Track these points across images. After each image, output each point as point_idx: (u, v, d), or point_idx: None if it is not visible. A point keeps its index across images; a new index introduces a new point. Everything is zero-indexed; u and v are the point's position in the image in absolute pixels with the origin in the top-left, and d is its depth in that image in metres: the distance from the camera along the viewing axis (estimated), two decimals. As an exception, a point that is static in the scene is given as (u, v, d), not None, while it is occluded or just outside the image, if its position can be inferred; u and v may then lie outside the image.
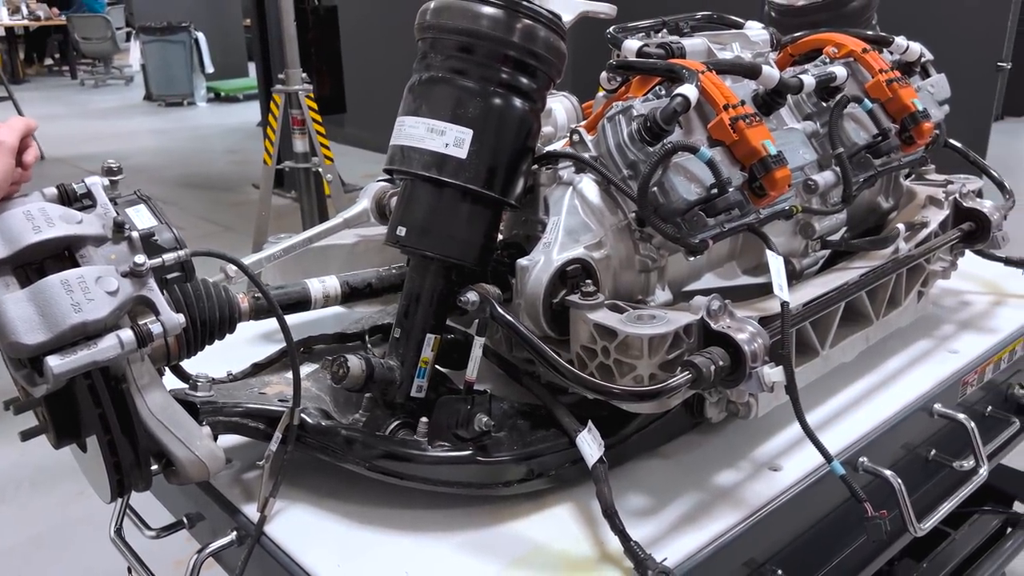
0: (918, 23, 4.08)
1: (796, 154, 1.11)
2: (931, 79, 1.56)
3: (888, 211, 1.40)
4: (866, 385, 1.22)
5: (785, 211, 1.09)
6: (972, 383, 1.30)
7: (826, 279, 1.17)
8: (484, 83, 0.95)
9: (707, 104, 1.02)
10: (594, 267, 0.99)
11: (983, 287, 1.54)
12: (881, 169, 1.23)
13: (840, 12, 1.39)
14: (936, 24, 3.82)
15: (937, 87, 1.57)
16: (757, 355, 0.91)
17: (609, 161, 1.00)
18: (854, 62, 1.26)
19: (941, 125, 1.42)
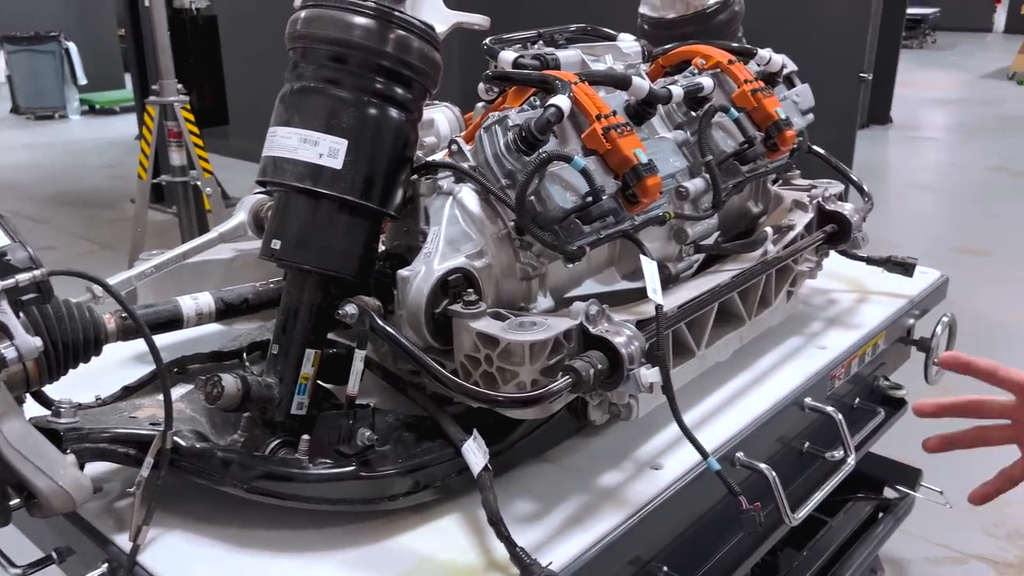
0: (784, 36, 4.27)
1: (667, 162, 1.15)
2: (796, 89, 1.65)
3: (758, 215, 1.47)
4: (741, 382, 1.27)
5: (659, 217, 1.13)
6: (840, 376, 1.37)
7: (700, 282, 1.21)
8: (358, 93, 0.95)
9: (580, 114, 1.05)
10: (476, 276, 0.99)
11: (848, 285, 1.63)
12: (748, 175, 1.29)
13: (707, 25, 1.45)
14: (802, 38, 4.02)
15: (802, 97, 1.65)
16: (634, 357, 0.94)
17: (487, 171, 1.01)
18: (721, 73, 1.31)
19: (804, 132, 1.50)
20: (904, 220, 5.30)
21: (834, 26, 4.05)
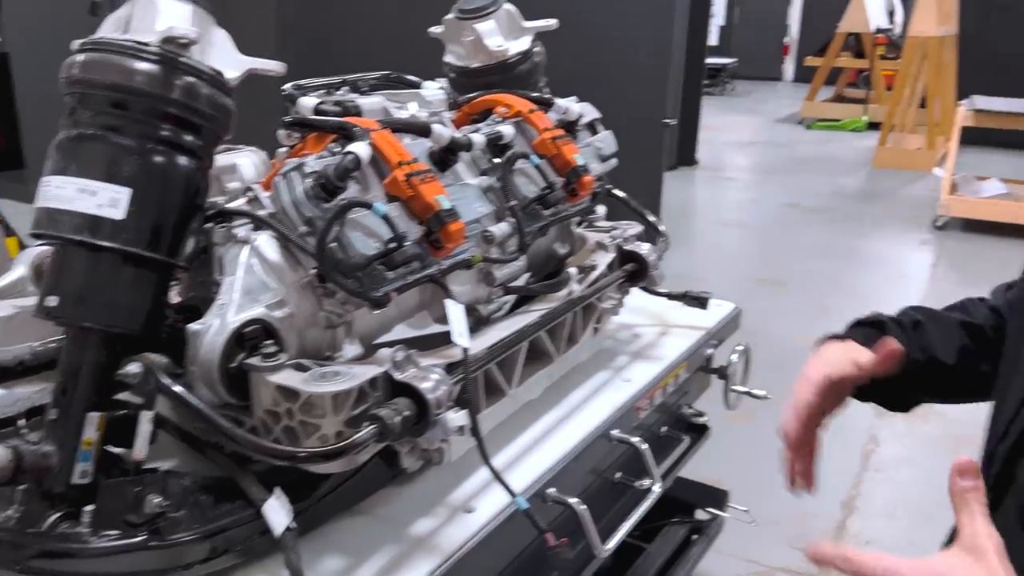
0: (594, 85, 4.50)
1: (471, 207, 1.17)
2: (599, 136, 1.73)
3: (565, 256, 1.52)
4: (553, 418, 1.30)
5: (466, 261, 1.15)
6: (645, 407, 1.44)
7: (509, 322, 1.24)
8: (142, 140, 0.90)
9: (382, 161, 1.05)
10: (276, 327, 0.96)
11: (652, 320, 1.72)
12: (551, 219, 1.34)
13: (510, 75, 1.50)
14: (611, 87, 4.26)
15: (604, 143, 1.74)
16: (441, 402, 0.94)
17: (286, 218, 0.99)
18: (522, 121, 1.36)
19: (603, 177, 1.58)
20: (710, 255, 5.67)
21: (639, 76, 4.31)
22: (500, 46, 1.46)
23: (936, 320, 1.07)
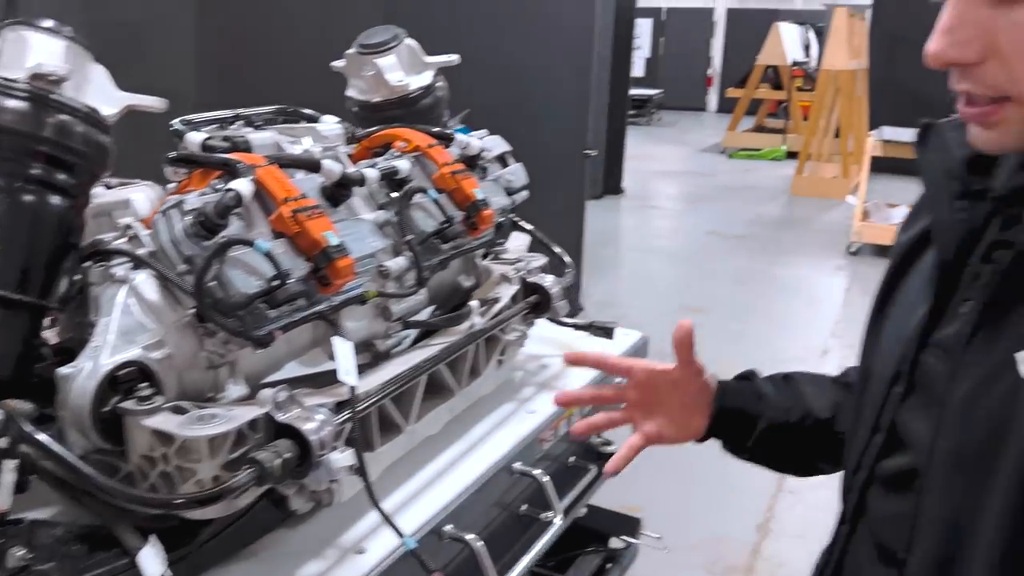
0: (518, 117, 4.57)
1: (364, 242, 1.17)
2: (509, 168, 1.75)
3: (470, 289, 1.52)
4: (454, 453, 1.29)
5: (359, 296, 1.14)
6: (549, 439, 1.44)
7: (407, 357, 1.23)
8: (10, 179, 0.88)
9: (268, 197, 1.04)
10: (153, 368, 0.94)
11: (560, 350, 1.73)
12: (451, 253, 1.34)
13: (412, 109, 1.50)
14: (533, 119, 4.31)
15: (515, 175, 1.76)
16: (325, 443, 0.93)
17: (165, 256, 0.97)
18: (422, 156, 1.36)
19: (506, 210, 1.59)
20: (635, 282, 5.77)
21: (560, 108, 4.38)
22: (400, 81, 1.47)
23: (810, 378, 1.06)
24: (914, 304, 0.80)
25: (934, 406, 0.73)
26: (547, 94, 4.39)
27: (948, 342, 0.74)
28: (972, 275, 0.74)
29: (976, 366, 0.70)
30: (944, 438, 0.71)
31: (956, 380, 0.71)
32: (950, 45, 0.65)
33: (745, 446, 1.03)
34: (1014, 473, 0.65)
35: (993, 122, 0.67)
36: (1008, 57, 0.63)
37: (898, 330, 0.81)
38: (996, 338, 0.69)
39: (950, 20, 0.65)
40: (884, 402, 0.80)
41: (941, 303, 0.76)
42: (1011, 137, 0.67)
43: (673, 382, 1.01)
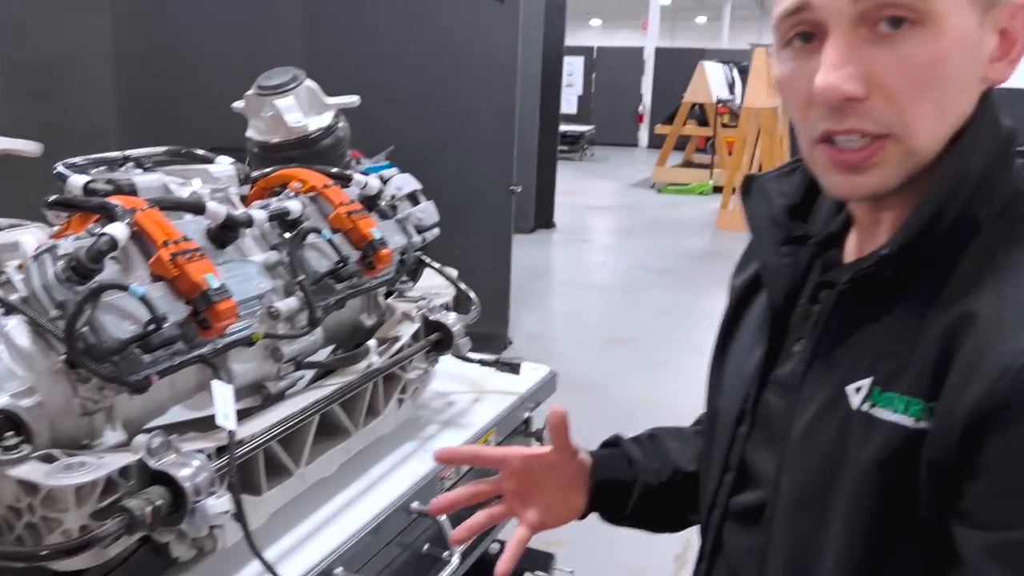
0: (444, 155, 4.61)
1: (251, 284, 1.16)
2: (419, 206, 1.77)
3: (372, 328, 1.53)
4: (351, 494, 1.28)
5: (246, 339, 1.13)
6: (449, 477, 1.44)
7: (299, 399, 1.22)
8: None
9: (148, 241, 1.03)
10: (22, 416, 0.91)
11: (468, 386, 1.74)
12: (347, 292, 1.35)
13: (312, 150, 1.51)
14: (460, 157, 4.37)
15: (425, 213, 1.78)
16: (200, 489, 0.92)
17: (36, 302, 0.95)
18: (318, 196, 1.37)
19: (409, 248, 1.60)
20: (564, 315, 5.82)
21: (485, 145, 4.44)
22: (299, 122, 1.48)
23: (673, 433, 1.08)
24: (751, 345, 0.84)
25: (777, 442, 0.76)
26: (473, 131, 4.45)
27: (785, 380, 0.78)
28: (802, 315, 0.79)
29: (811, 401, 0.73)
30: (788, 472, 0.75)
31: (795, 416, 0.74)
32: (842, 79, 0.65)
33: (624, 514, 1.02)
34: (852, 498, 0.68)
35: (871, 164, 0.67)
36: (893, 92, 0.65)
37: (739, 371, 0.85)
38: (828, 374, 0.72)
39: (837, 56, 0.65)
40: (732, 441, 0.83)
41: (776, 343, 0.80)
42: (889, 177, 0.68)
43: (549, 465, 0.98)
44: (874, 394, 0.68)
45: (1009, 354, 0.60)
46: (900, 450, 0.65)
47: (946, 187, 0.67)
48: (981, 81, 0.69)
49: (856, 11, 0.64)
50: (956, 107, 0.68)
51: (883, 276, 0.69)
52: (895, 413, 0.66)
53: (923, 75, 0.65)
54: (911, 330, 0.67)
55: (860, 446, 0.68)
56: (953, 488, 0.63)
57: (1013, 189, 0.70)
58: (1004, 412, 0.59)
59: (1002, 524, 0.60)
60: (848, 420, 0.69)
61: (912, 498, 0.65)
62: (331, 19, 4.38)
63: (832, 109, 0.67)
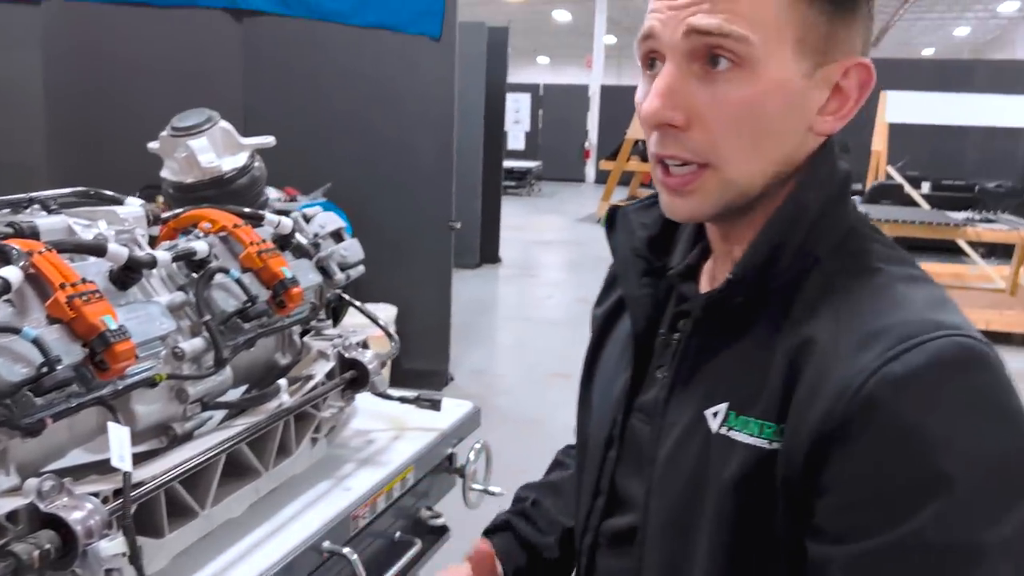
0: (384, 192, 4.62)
1: (153, 325, 1.16)
2: (343, 244, 1.78)
3: (287, 367, 1.53)
4: (258, 535, 1.28)
5: (148, 380, 1.13)
6: (364, 515, 1.44)
7: (205, 440, 1.22)
8: None
9: (45, 283, 1.03)
10: (-94, 463, 0.90)
11: (389, 424, 1.75)
12: (258, 332, 1.35)
13: (226, 190, 1.52)
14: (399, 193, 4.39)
15: (350, 251, 1.79)
16: (93, 531, 0.91)
17: (-76, 347, 0.95)
18: (229, 236, 1.38)
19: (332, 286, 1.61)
20: (507, 349, 5.85)
21: (424, 182, 4.48)
22: (212, 163, 1.49)
23: (549, 490, 1.11)
24: (615, 372, 0.88)
25: (645, 466, 0.80)
26: (411, 168, 4.48)
27: (649, 407, 0.82)
28: (663, 344, 0.83)
29: (674, 427, 0.77)
30: (655, 496, 0.78)
31: (660, 441, 0.78)
32: (664, 107, 0.71)
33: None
34: (715, 520, 0.72)
35: (691, 190, 0.73)
36: (710, 126, 0.70)
37: (605, 397, 0.89)
38: (688, 399, 0.77)
39: (665, 85, 0.71)
40: (602, 466, 0.87)
41: (640, 370, 0.84)
42: (708, 203, 0.73)
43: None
44: (730, 418, 0.72)
45: (845, 377, 0.64)
46: (756, 471, 0.69)
47: (783, 220, 0.73)
48: (810, 129, 0.73)
49: (687, 46, 0.70)
50: (776, 148, 0.72)
51: (733, 302, 0.74)
52: (750, 436, 0.70)
53: (737, 114, 0.70)
54: (761, 356, 0.71)
55: (720, 468, 0.71)
56: (804, 506, 0.67)
57: (848, 225, 0.76)
58: (843, 431, 0.63)
59: (850, 537, 0.63)
60: (708, 444, 0.73)
61: (771, 518, 0.69)
62: (267, 57, 4.40)
63: (660, 134, 0.72)
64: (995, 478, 0.61)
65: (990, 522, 0.60)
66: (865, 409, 0.62)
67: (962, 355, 0.64)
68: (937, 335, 0.63)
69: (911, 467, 0.61)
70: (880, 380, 0.62)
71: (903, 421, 0.61)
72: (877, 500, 0.62)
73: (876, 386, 0.62)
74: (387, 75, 4.32)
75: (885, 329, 0.65)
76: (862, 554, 0.62)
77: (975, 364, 0.64)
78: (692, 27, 0.69)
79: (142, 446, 1.21)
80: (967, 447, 0.61)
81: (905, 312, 0.66)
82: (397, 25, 4.04)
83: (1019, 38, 20.80)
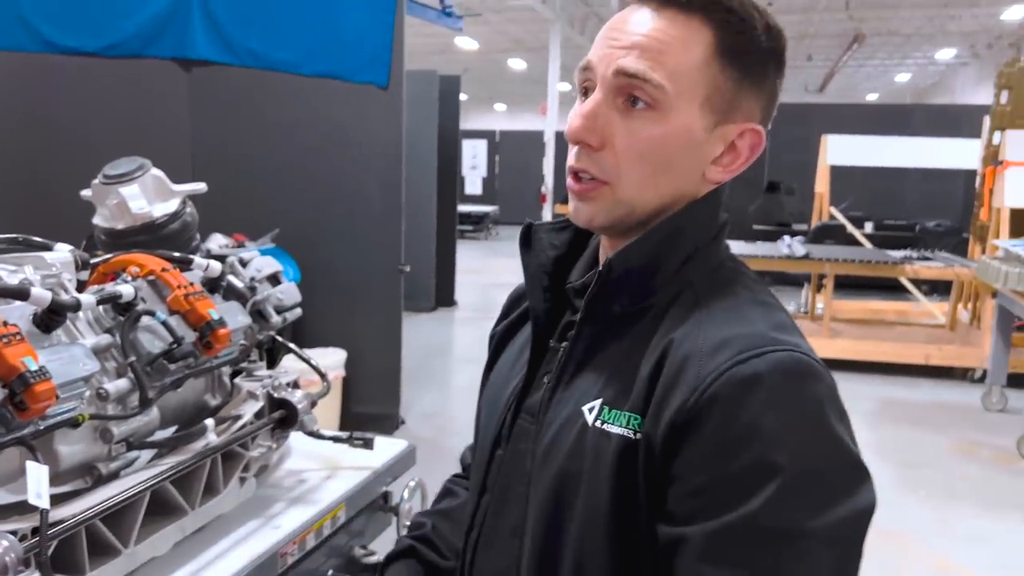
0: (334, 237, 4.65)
1: (76, 366, 1.19)
2: (280, 287, 1.82)
3: (217, 407, 1.56)
4: (184, 573, 1.29)
5: (71, 420, 1.16)
6: (292, 553, 1.46)
7: (129, 479, 1.24)
8: None
9: (-36, 327, 1.06)
10: None
11: (322, 463, 1.77)
12: (185, 373, 1.38)
13: (158, 235, 1.56)
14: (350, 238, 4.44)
15: (286, 294, 1.84)
16: (8, 568, 0.93)
17: None
18: (156, 280, 1.42)
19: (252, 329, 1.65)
20: (461, 392, 5.85)
21: (374, 227, 4.53)
22: (143, 209, 1.53)
23: (440, 516, 1.16)
24: (507, 378, 0.96)
25: (527, 460, 0.87)
26: (361, 212, 4.54)
27: (533, 407, 0.91)
28: (552, 352, 0.92)
29: (553, 423, 0.85)
30: (534, 487, 0.86)
31: (539, 436, 0.86)
32: (584, 128, 0.82)
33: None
34: (586, 508, 0.80)
35: (591, 197, 0.84)
36: (619, 152, 0.82)
37: (495, 402, 0.97)
38: (568, 398, 0.85)
39: (589, 111, 0.82)
40: (489, 465, 0.94)
41: (532, 377, 0.92)
42: (601, 214, 0.85)
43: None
44: (603, 413, 0.81)
45: (698, 376, 0.74)
46: (625, 459, 0.78)
47: (656, 235, 0.84)
48: (703, 176, 0.85)
49: (615, 83, 0.82)
50: (668, 183, 0.84)
51: (608, 303, 0.85)
52: (621, 427, 0.79)
53: (642, 148, 0.81)
54: (635, 359, 0.81)
55: (594, 459, 0.80)
56: (660, 493, 0.76)
57: (719, 260, 0.89)
58: (694, 422, 0.73)
59: (695, 519, 0.72)
60: (584, 436, 0.82)
61: (637, 507, 0.78)
62: (216, 106, 4.46)
63: (578, 150, 0.84)
64: (820, 476, 0.71)
65: (814, 512, 0.69)
66: (712, 404, 0.72)
67: (799, 367, 0.74)
68: (779, 348, 0.74)
69: (748, 457, 0.70)
70: (727, 380, 0.72)
71: (744, 417, 0.71)
72: (718, 485, 0.71)
73: (723, 385, 0.72)
74: (335, 122, 4.40)
75: (735, 338, 0.75)
76: (705, 534, 0.71)
77: (810, 377, 0.74)
78: (621, 68, 0.80)
79: (66, 486, 1.23)
80: (797, 445, 0.70)
81: (754, 327, 0.77)
82: (344, 74, 4.12)
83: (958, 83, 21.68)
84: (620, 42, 0.81)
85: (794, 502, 0.69)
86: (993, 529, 3.75)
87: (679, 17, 0.80)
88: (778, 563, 0.69)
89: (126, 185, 1.53)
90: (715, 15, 0.80)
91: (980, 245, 6.36)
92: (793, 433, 0.71)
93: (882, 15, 14.89)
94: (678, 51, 0.79)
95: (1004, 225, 5.70)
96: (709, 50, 0.80)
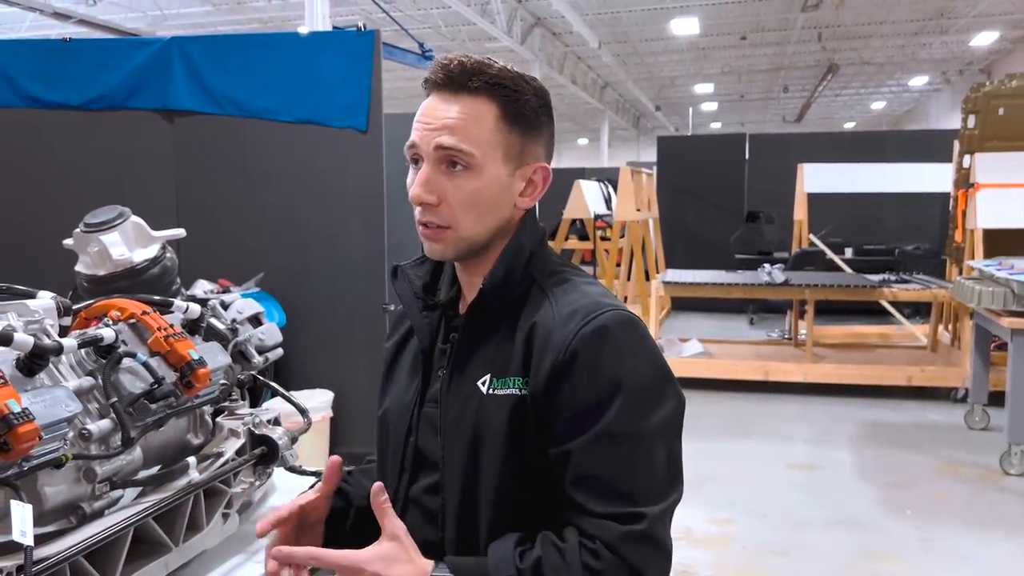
0: (318, 278, 4.69)
1: (59, 408, 1.23)
2: (261, 328, 1.87)
3: (199, 446, 1.60)
4: (169, 608, 1.33)
5: (55, 460, 1.20)
6: (275, 585, 1.49)
7: (113, 517, 1.28)
8: None
9: (-49, 372, 1.11)
10: None
11: (305, 499, 1.80)
12: (167, 412, 1.43)
13: (139, 280, 1.61)
14: (332, 278, 4.48)
15: (268, 334, 1.88)
16: (-7, 603, 0.97)
17: None
18: (137, 323, 1.46)
19: (232, 368, 1.69)
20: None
21: (357, 267, 4.57)
22: (123, 255, 1.58)
23: (362, 472, 1.31)
24: (407, 383, 1.18)
25: (437, 435, 1.11)
26: (343, 255, 4.59)
27: (435, 396, 1.13)
28: (441, 352, 1.15)
29: (455, 401, 1.10)
30: (447, 451, 1.09)
31: (445, 414, 1.10)
32: (423, 192, 1.07)
33: (345, 531, 1.19)
34: (493, 458, 1.05)
35: (439, 239, 1.09)
36: (452, 205, 1.07)
37: (400, 404, 1.18)
38: (463, 381, 1.10)
39: (424, 179, 1.07)
40: (404, 450, 1.15)
41: (428, 375, 1.15)
42: (449, 250, 1.10)
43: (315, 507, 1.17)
44: (494, 383, 1.07)
45: (561, 338, 1.03)
46: (517, 411, 1.04)
47: (508, 255, 1.11)
48: (515, 206, 1.11)
49: (437, 155, 1.07)
50: (492, 219, 1.10)
51: (487, 308, 1.10)
52: (509, 389, 1.06)
53: (467, 199, 1.07)
54: (508, 342, 1.08)
55: (493, 419, 1.05)
56: (547, 427, 1.03)
57: (550, 259, 1.17)
58: (564, 371, 1.02)
59: (574, 435, 1.01)
60: (482, 404, 1.07)
61: (532, 448, 1.04)
62: (199, 154, 4.52)
63: (422, 208, 1.08)
64: (647, 389, 1.03)
65: (646, 415, 1.01)
66: (574, 355, 1.02)
67: (624, 320, 1.06)
68: (608, 309, 1.05)
69: (603, 384, 1.01)
70: (581, 336, 1.03)
71: (596, 357, 1.02)
72: (587, 408, 1.01)
73: (579, 340, 1.02)
74: (317, 167, 4.46)
75: (580, 308, 1.06)
76: (581, 445, 1.00)
77: (632, 326, 1.06)
78: (438, 144, 1.06)
79: (51, 526, 1.27)
80: (632, 367, 1.03)
81: (589, 299, 1.07)
82: (325, 120, 4.20)
83: (932, 109, 22.07)
84: (433, 125, 1.07)
85: (632, 410, 1.00)
86: (979, 547, 3.78)
87: (469, 99, 1.07)
88: (632, 456, 1.00)
89: (107, 233, 1.59)
90: (495, 92, 1.07)
91: (957, 266, 6.46)
92: (628, 361, 1.03)
93: (854, 45, 15.21)
94: (476, 125, 1.07)
95: (979, 246, 5.80)
96: (497, 118, 1.08)
